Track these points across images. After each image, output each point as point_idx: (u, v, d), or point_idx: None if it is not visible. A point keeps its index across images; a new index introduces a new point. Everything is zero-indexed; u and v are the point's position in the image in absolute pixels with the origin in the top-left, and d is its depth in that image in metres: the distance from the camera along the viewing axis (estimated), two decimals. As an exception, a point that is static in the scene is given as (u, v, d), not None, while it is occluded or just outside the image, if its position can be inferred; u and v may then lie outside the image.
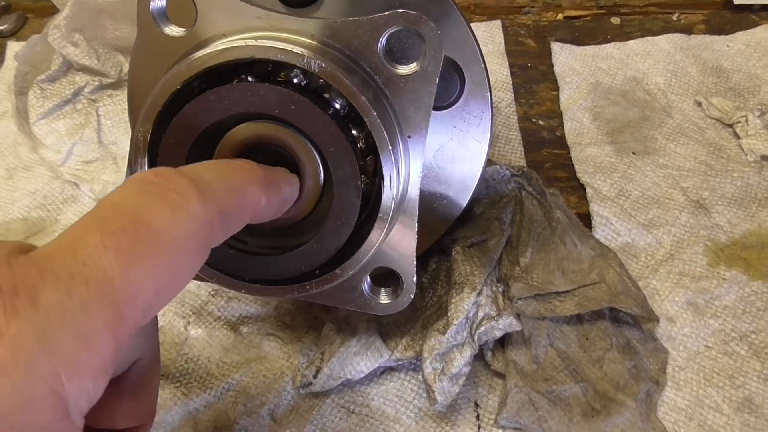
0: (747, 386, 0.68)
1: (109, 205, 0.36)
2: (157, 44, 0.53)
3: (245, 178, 0.44)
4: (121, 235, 0.33)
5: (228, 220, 0.41)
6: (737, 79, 0.96)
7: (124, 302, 0.33)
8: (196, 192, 0.38)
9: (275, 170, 0.49)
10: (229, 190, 0.41)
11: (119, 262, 0.33)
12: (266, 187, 0.45)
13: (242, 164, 0.45)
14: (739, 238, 0.79)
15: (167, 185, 0.37)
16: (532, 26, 1.06)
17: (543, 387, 0.66)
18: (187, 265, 0.37)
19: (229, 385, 0.69)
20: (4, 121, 0.97)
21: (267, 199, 0.45)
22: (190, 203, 0.37)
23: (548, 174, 0.87)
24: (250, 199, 0.44)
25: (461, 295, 0.64)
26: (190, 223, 0.37)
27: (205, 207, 0.38)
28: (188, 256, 0.37)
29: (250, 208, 0.44)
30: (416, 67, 0.50)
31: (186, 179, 0.38)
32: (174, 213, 0.36)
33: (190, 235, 0.37)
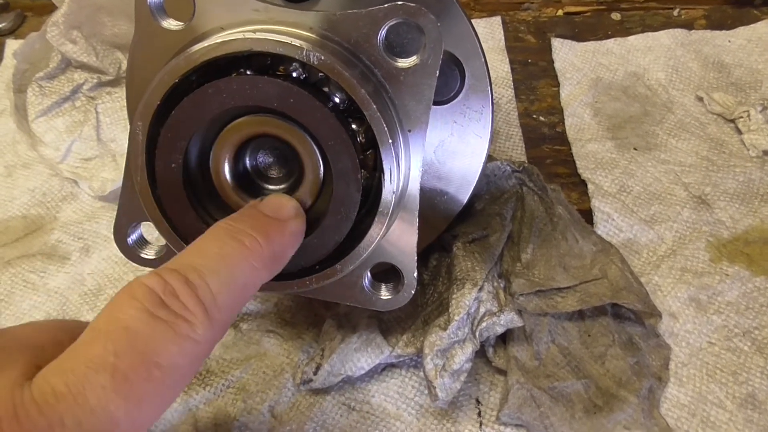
0: (750, 382, 0.68)
1: (121, 329, 0.36)
2: (155, 38, 0.53)
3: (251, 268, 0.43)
4: (133, 379, 0.34)
5: (227, 326, 0.42)
6: (739, 74, 0.95)
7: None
8: (204, 316, 0.38)
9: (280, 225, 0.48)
10: (234, 293, 0.41)
11: (128, 408, 0.34)
12: (270, 264, 0.45)
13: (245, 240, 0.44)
14: (741, 234, 0.78)
15: (178, 310, 0.37)
16: (532, 22, 1.06)
17: (545, 383, 0.65)
18: (184, 384, 0.39)
19: (229, 382, 0.69)
20: (3, 118, 0.97)
21: (270, 274, 0.45)
22: (198, 331, 0.37)
23: (549, 170, 0.87)
24: (253, 287, 0.44)
25: (462, 291, 0.63)
26: (195, 349, 0.37)
27: (211, 329, 0.38)
28: (186, 377, 0.38)
29: (250, 296, 0.44)
30: (416, 60, 0.50)
31: (194, 300, 0.38)
32: (182, 345, 0.37)
33: (191, 361, 0.38)
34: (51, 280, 0.79)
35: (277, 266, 0.46)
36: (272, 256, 0.45)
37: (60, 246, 0.83)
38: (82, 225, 0.84)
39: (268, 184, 0.55)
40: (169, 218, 0.53)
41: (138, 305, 0.37)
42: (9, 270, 0.80)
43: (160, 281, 0.38)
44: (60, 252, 0.82)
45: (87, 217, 0.85)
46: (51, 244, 0.83)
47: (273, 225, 0.47)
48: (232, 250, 0.43)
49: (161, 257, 0.58)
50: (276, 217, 0.48)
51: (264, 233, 0.45)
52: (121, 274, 0.79)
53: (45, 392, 0.33)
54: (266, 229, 0.46)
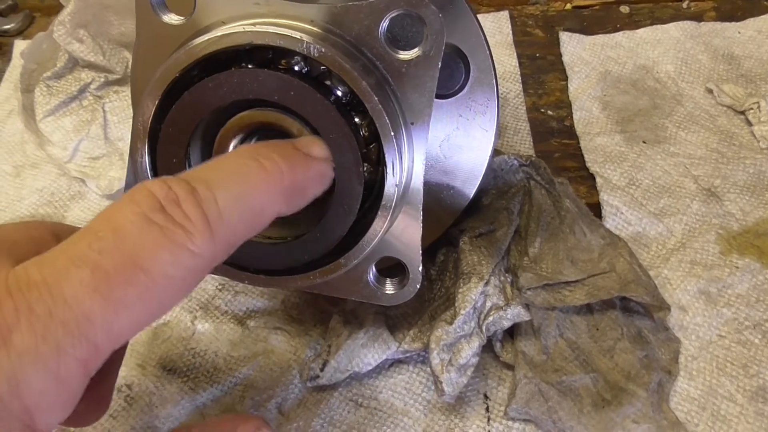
0: (761, 375, 0.67)
1: (111, 229, 0.34)
2: (156, 33, 0.53)
3: (267, 193, 0.40)
4: (114, 279, 0.32)
5: (233, 246, 0.39)
6: (749, 66, 0.94)
7: (101, 342, 0.32)
8: (206, 229, 0.36)
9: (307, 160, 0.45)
10: (244, 214, 0.39)
11: (105, 309, 0.32)
12: (289, 195, 0.42)
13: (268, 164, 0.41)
14: (752, 226, 0.77)
15: (177, 218, 0.35)
16: (540, 16, 1.05)
17: (553, 378, 0.65)
18: (177, 298, 0.36)
19: (236, 379, 0.69)
20: (11, 119, 0.97)
21: (288, 207, 0.43)
22: (196, 242, 0.35)
23: (558, 164, 0.86)
24: (267, 215, 0.41)
25: (468, 285, 0.63)
26: (191, 262, 0.35)
27: (212, 244, 0.36)
28: (180, 291, 0.36)
29: (263, 224, 0.41)
30: (418, 52, 0.49)
31: (197, 211, 0.36)
32: (176, 253, 0.34)
33: (186, 274, 0.35)
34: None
35: (295, 200, 0.43)
36: (292, 187, 0.42)
37: (68, 245, 0.83)
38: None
39: (271, 179, 0.55)
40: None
41: (135, 208, 0.34)
42: (17, 269, 0.80)
43: (163, 187, 0.36)
44: (68, 251, 0.82)
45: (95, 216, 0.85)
46: (59, 243, 0.83)
47: (300, 157, 0.44)
48: (250, 170, 0.40)
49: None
50: (306, 153, 0.45)
51: (289, 162, 0.42)
52: (129, 272, 0.78)
53: (20, 280, 0.32)
54: (292, 158, 0.43)
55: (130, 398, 0.68)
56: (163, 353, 0.71)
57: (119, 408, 0.67)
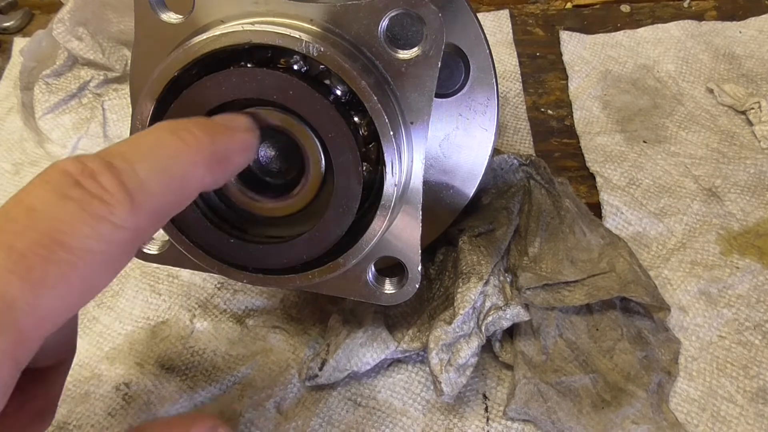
0: (761, 376, 0.67)
1: (24, 210, 0.32)
2: (155, 32, 0.52)
3: (188, 162, 0.39)
4: (31, 258, 0.31)
5: (160, 218, 0.38)
6: (750, 66, 0.94)
7: (27, 326, 0.31)
8: (125, 198, 0.34)
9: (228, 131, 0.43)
10: (167, 183, 0.37)
11: (24, 289, 0.30)
12: (213, 164, 0.40)
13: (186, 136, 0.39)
14: (752, 226, 0.77)
15: (93, 190, 0.33)
16: (540, 15, 1.05)
17: (552, 378, 0.65)
18: (105, 275, 0.34)
19: (235, 378, 0.69)
20: (10, 116, 0.97)
21: (213, 177, 0.41)
22: (117, 213, 0.33)
23: (558, 163, 0.86)
24: (192, 185, 0.39)
25: (468, 285, 0.63)
26: (114, 235, 0.33)
27: (135, 214, 0.34)
28: (107, 267, 0.34)
29: (189, 195, 0.40)
30: (418, 51, 0.49)
31: (115, 182, 0.34)
32: (95, 226, 0.33)
33: (111, 248, 0.33)
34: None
35: (220, 169, 0.41)
36: (215, 155, 0.40)
37: (67, 243, 0.82)
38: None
39: (269, 178, 0.55)
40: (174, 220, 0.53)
41: (47, 186, 0.33)
42: (16, 267, 0.80)
43: (77, 164, 0.34)
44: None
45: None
46: (58, 241, 0.83)
47: (220, 128, 0.43)
48: (169, 142, 0.38)
49: (163, 252, 0.58)
50: (226, 125, 0.44)
51: (208, 133, 0.41)
52: (128, 270, 0.78)
53: None
54: (211, 129, 0.41)
55: (128, 397, 0.68)
56: (161, 352, 0.71)
57: (117, 406, 0.67)
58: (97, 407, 0.67)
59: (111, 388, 0.69)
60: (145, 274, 0.77)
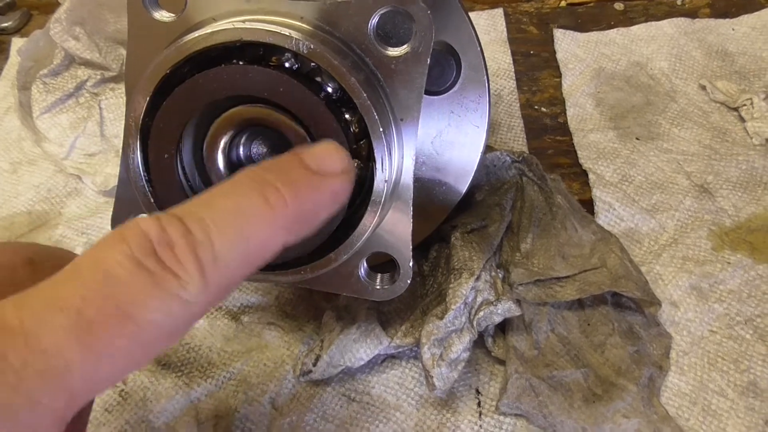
0: (752, 370, 0.67)
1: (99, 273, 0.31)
2: (148, 30, 0.53)
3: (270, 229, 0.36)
4: (97, 327, 0.30)
5: (229, 290, 0.36)
6: (742, 62, 0.95)
7: (79, 390, 0.30)
8: (200, 276, 0.32)
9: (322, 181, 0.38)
10: (244, 257, 0.35)
11: (84, 357, 0.30)
12: (296, 227, 0.37)
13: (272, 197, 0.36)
14: (744, 222, 0.78)
15: (169, 263, 0.32)
16: (534, 13, 1.05)
17: (544, 373, 0.65)
18: (163, 346, 0.33)
19: (230, 374, 0.69)
20: (8, 116, 0.98)
21: (294, 238, 0.37)
22: (189, 290, 0.32)
23: (551, 161, 0.86)
24: (270, 252, 0.36)
25: (459, 281, 0.63)
26: (182, 311, 0.32)
27: (206, 291, 0.33)
28: (167, 339, 0.33)
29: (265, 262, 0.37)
30: (407, 49, 0.50)
31: (191, 256, 0.32)
32: (166, 302, 0.31)
33: (177, 323, 0.32)
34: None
35: (304, 229, 0.38)
36: (299, 217, 0.37)
37: (64, 241, 0.83)
38: (86, 220, 0.85)
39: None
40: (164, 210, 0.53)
41: (125, 249, 0.31)
42: (14, 265, 0.81)
43: (157, 227, 0.32)
44: (64, 247, 0.82)
45: (91, 213, 0.86)
46: (55, 240, 0.83)
47: (308, 179, 0.38)
48: (249, 206, 0.35)
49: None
50: (317, 170, 0.38)
51: (295, 188, 0.37)
52: (124, 268, 0.79)
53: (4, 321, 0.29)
54: (299, 183, 0.37)
55: (124, 393, 0.68)
56: (157, 348, 0.71)
57: (114, 402, 0.68)
58: (94, 403, 0.68)
59: (107, 384, 0.69)
60: (141, 272, 0.78)
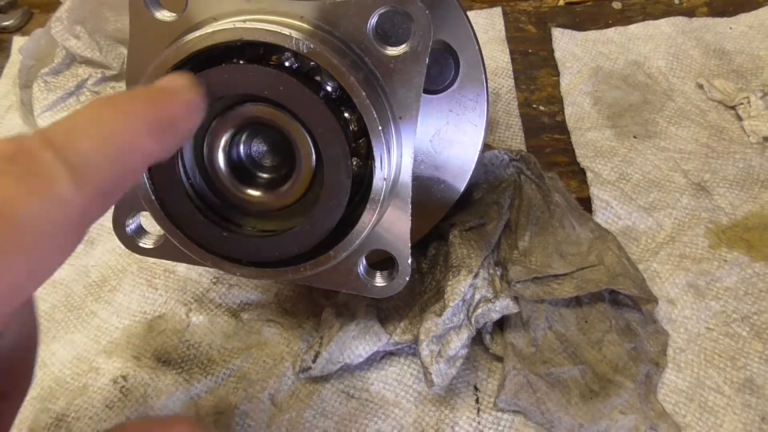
0: (748, 367, 0.68)
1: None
2: (149, 30, 0.53)
3: (131, 130, 0.36)
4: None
5: (109, 193, 0.35)
6: (740, 61, 0.95)
7: None
8: (67, 173, 0.31)
9: (168, 94, 0.40)
10: (109, 154, 0.34)
11: None
12: (158, 132, 0.37)
13: (124, 106, 0.37)
14: (741, 220, 0.78)
15: (31, 166, 0.31)
16: (532, 12, 1.06)
17: (541, 369, 0.66)
18: (55, 254, 0.32)
19: (230, 371, 0.70)
20: (10, 114, 0.98)
21: (160, 145, 0.38)
22: (60, 188, 0.31)
23: (549, 159, 0.87)
24: (137, 155, 0.36)
25: (458, 278, 0.64)
26: (60, 210, 0.31)
27: (80, 189, 0.32)
28: (57, 244, 0.32)
29: (136, 167, 0.37)
30: (406, 48, 0.50)
31: (54, 156, 0.31)
32: (38, 202, 0.30)
33: (59, 224, 0.31)
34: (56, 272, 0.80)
35: (166, 136, 0.38)
36: (158, 121, 0.37)
37: (65, 239, 0.83)
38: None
39: (262, 173, 0.56)
40: (165, 207, 0.54)
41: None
42: (15, 263, 0.81)
43: (13, 142, 0.31)
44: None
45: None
46: (56, 237, 0.84)
47: (159, 92, 0.40)
48: (107, 113, 0.35)
49: (158, 246, 0.59)
50: (165, 87, 0.41)
51: (147, 98, 0.38)
52: (125, 265, 0.79)
53: None
54: (150, 95, 0.39)
55: (125, 389, 0.69)
56: (158, 345, 0.72)
57: (115, 399, 0.68)
58: (94, 399, 0.68)
59: (108, 380, 0.70)
60: (142, 269, 0.78)
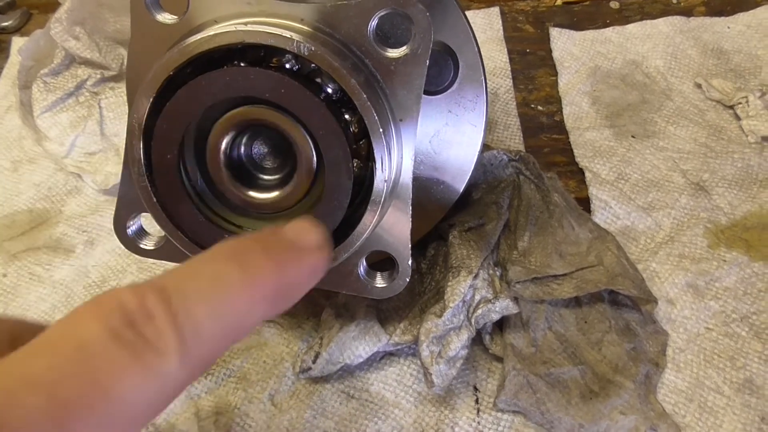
0: (748, 367, 0.68)
1: (72, 346, 0.29)
2: (150, 32, 0.53)
3: (250, 302, 0.34)
4: (73, 408, 0.27)
5: (209, 365, 0.34)
6: (738, 61, 0.95)
7: None
8: (180, 349, 0.30)
9: (299, 255, 0.38)
10: (224, 327, 0.33)
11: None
12: (277, 300, 0.36)
13: (251, 268, 0.35)
14: (739, 220, 0.78)
15: (147, 336, 0.30)
16: (530, 12, 1.06)
17: (541, 370, 0.66)
18: (139, 425, 0.31)
19: (230, 371, 0.70)
20: (9, 115, 0.98)
21: (274, 311, 0.36)
22: (168, 365, 0.30)
23: (547, 159, 0.87)
24: (250, 324, 0.35)
25: (458, 279, 0.64)
26: (161, 389, 0.30)
27: (186, 366, 0.31)
28: (143, 418, 0.30)
29: (245, 334, 0.35)
30: (406, 50, 0.50)
31: (171, 327, 0.31)
32: (144, 379, 0.29)
33: (154, 400, 0.30)
34: (56, 272, 0.80)
35: (284, 303, 0.37)
36: (280, 290, 0.36)
37: (65, 239, 0.84)
38: (86, 218, 0.86)
39: (263, 174, 0.56)
40: (166, 209, 0.54)
41: (103, 320, 0.30)
42: (15, 263, 0.82)
43: (135, 297, 0.31)
44: (65, 245, 0.83)
45: (91, 211, 0.86)
46: (56, 238, 0.84)
47: (289, 252, 0.37)
48: (230, 277, 0.34)
49: (159, 247, 0.59)
50: (296, 243, 0.38)
51: (276, 261, 0.36)
52: (125, 266, 0.80)
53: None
54: (280, 256, 0.36)
55: (126, 390, 0.69)
56: (158, 346, 0.72)
57: (115, 400, 0.68)
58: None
59: (109, 381, 0.69)
60: (142, 270, 0.79)
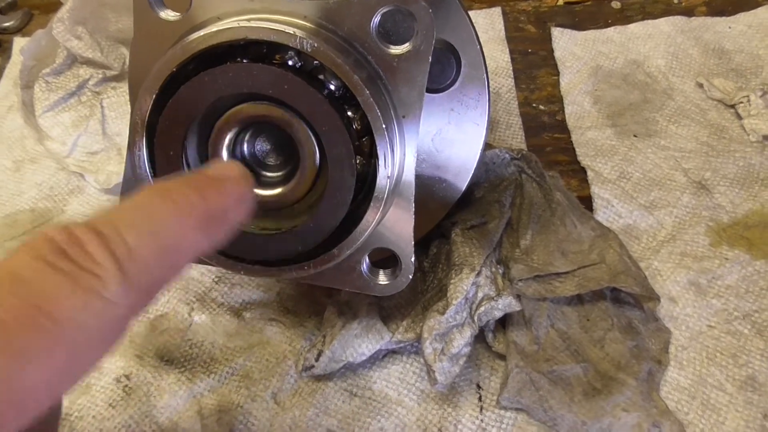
0: (750, 365, 0.68)
1: (6, 276, 0.30)
2: (153, 29, 0.54)
3: (180, 226, 0.36)
4: (13, 328, 0.28)
5: (154, 291, 0.35)
6: (739, 60, 0.95)
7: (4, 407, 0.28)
8: (117, 272, 0.31)
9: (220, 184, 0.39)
10: (158, 249, 0.34)
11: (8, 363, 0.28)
12: (208, 225, 0.37)
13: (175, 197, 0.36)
14: (741, 218, 0.79)
15: (82, 262, 0.30)
16: (532, 12, 1.06)
17: (544, 367, 0.66)
18: (94, 353, 0.31)
19: (232, 370, 0.70)
20: (11, 114, 0.98)
21: (209, 239, 0.38)
22: (108, 288, 0.31)
23: (549, 158, 0.87)
24: (185, 250, 0.36)
25: (460, 276, 0.64)
26: (105, 311, 0.31)
27: (127, 290, 0.31)
28: (97, 345, 0.31)
29: (183, 262, 0.37)
30: (409, 47, 0.50)
31: (106, 254, 0.31)
32: (85, 301, 0.30)
33: (103, 324, 0.31)
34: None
35: (215, 228, 0.38)
36: (208, 215, 0.37)
37: (67, 239, 0.84)
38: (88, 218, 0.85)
39: (266, 171, 0.56)
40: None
41: (33, 253, 0.30)
42: (17, 263, 0.81)
43: (64, 231, 0.31)
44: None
45: (93, 210, 0.86)
46: (58, 237, 0.84)
47: (211, 182, 0.39)
48: (158, 205, 0.35)
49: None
50: (217, 176, 0.40)
51: (198, 189, 0.37)
52: (127, 265, 0.79)
53: None
54: (202, 186, 0.38)
55: (128, 388, 0.69)
56: (160, 344, 0.72)
57: (118, 398, 0.68)
58: (98, 398, 0.69)
59: (111, 380, 0.70)
60: (144, 269, 0.79)
